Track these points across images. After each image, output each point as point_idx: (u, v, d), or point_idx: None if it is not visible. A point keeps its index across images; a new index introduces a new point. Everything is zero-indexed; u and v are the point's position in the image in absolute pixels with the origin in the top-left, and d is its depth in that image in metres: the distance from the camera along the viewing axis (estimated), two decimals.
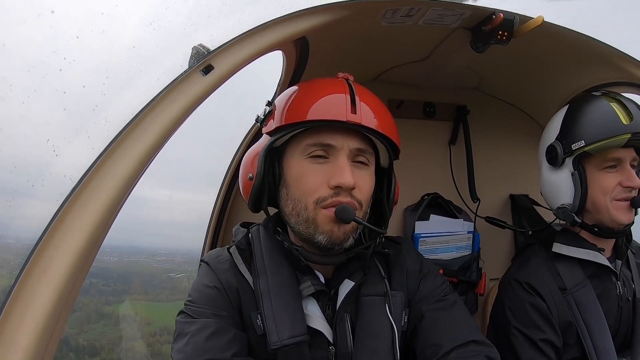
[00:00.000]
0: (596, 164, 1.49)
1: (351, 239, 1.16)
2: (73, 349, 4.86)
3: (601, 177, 1.49)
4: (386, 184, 1.27)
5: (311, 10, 1.24)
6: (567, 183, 1.54)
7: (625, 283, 1.57)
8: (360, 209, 1.15)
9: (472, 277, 2.16)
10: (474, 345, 1.19)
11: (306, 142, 1.16)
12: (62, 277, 0.88)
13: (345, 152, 1.14)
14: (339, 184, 1.10)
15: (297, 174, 1.16)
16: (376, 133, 1.16)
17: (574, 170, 1.51)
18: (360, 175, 1.16)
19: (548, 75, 1.99)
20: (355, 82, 1.24)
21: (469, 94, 2.36)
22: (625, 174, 1.46)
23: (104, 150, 0.94)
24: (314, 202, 1.13)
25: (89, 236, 0.91)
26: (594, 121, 1.47)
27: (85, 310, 5.09)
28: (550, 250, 1.61)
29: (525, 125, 2.39)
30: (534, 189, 2.32)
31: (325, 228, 1.12)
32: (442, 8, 1.44)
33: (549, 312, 1.49)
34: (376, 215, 1.30)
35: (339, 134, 1.14)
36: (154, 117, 0.99)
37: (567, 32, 1.51)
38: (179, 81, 1.03)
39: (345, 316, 1.21)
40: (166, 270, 6.43)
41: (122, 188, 0.95)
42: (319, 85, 1.22)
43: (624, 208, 1.48)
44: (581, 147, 1.47)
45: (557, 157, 1.55)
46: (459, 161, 2.35)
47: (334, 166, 1.13)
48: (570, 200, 1.54)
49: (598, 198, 1.49)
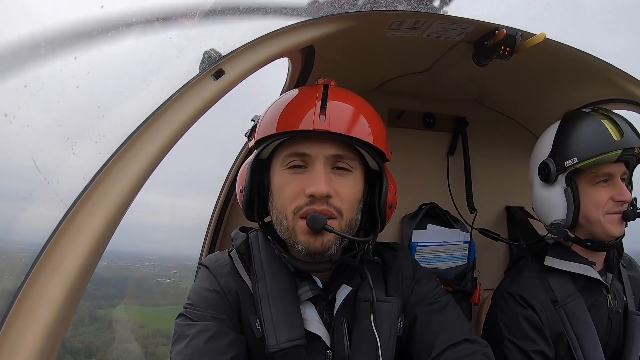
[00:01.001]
0: (588, 179, 1.53)
1: (333, 248, 1.15)
2: (69, 350, 4.92)
3: (593, 192, 1.53)
4: (378, 187, 1.25)
5: (320, 20, 1.26)
6: (560, 199, 1.58)
7: (616, 295, 1.60)
8: (341, 217, 1.15)
9: (467, 287, 2.18)
10: (468, 344, 1.21)
11: (285, 153, 1.18)
12: (71, 276, 0.89)
13: (321, 160, 1.14)
14: (312, 192, 1.10)
15: (279, 184, 1.18)
16: (350, 139, 1.14)
17: (567, 186, 1.55)
18: (341, 182, 1.16)
19: (547, 90, 2.02)
20: (336, 87, 1.23)
21: (468, 106, 2.39)
22: (617, 188, 1.51)
23: (115, 152, 0.95)
24: (292, 212, 1.14)
25: (98, 236, 0.92)
26: (586, 138, 1.51)
27: (79, 314, 5.11)
28: (542, 264, 1.64)
29: (523, 139, 2.42)
30: (529, 202, 2.34)
31: (301, 238, 1.14)
32: (446, 22, 1.46)
33: (541, 324, 1.52)
34: (371, 221, 1.30)
35: (313, 143, 1.14)
36: (165, 120, 1.00)
37: (567, 48, 1.55)
38: (190, 85, 1.04)
39: (342, 321, 1.23)
40: (155, 275, 6.42)
41: (132, 190, 0.96)
42: (294, 96, 1.23)
43: (616, 221, 1.51)
44: (574, 164, 1.50)
45: (550, 174, 1.58)
46: (457, 172, 2.38)
47: (310, 175, 1.13)
48: (563, 216, 1.57)
49: (591, 213, 1.53)
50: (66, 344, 4.76)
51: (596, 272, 1.57)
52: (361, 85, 2.16)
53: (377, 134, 1.20)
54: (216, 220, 2.10)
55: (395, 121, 2.30)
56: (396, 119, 2.30)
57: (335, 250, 1.17)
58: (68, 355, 4.77)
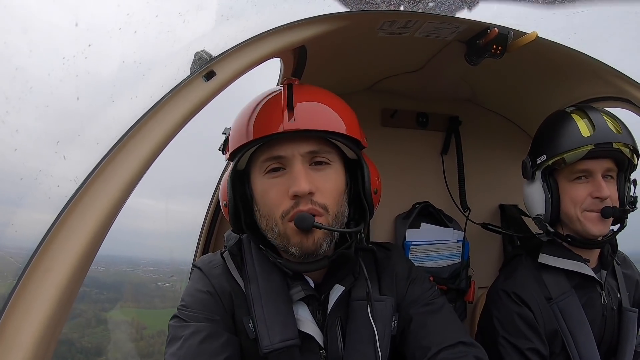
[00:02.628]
0: (565, 175, 1.57)
1: (325, 245, 1.16)
2: (80, 350, 5.13)
3: (571, 189, 1.56)
4: (360, 175, 1.24)
5: (312, 20, 1.25)
6: (539, 194, 1.62)
7: (610, 293, 1.61)
8: (327, 213, 1.15)
9: (462, 285, 2.19)
10: (462, 346, 1.22)
11: (261, 159, 1.17)
12: (64, 278, 0.88)
13: (297, 159, 1.14)
14: (294, 192, 1.10)
15: (262, 191, 1.18)
16: (321, 132, 1.15)
17: (543, 182, 1.60)
18: (321, 177, 1.16)
19: (540, 89, 2.03)
20: (300, 85, 1.23)
21: (461, 105, 2.40)
22: (595, 184, 1.52)
23: (106, 155, 0.94)
24: (281, 217, 1.14)
25: (90, 239, 0.91)
26: (554, 135, 1.56)
27: (85, 316, 5.33)
28: (536, 261, 1.65)
29: (516, 137, 2.44)
30: (522, 200, 2.36)
31: (294, 241, 1.14)
32: (438, 21, 1.46)
33: (536, 321, 1.53)
34: (359, 211, 1.29)
35: (286, 143, 1.14)
36: (156, 122, 1.00)
37: (558, 47, 1.55)
38: (181, 87, 1.03)
39: (335, 320, 1.24)
40: (154, 279, 6.49)
41: (124, 192, 0.96)
42: (257, 101, 1.23)
43: (595, 219, 1.52)
44: (544, 161, 1.57)
45: (527, 171, 1.66)
46: (451, 171, 2.38)
47: (290, 176, 1.14)
48: (543, 211, 1.62)
49: (569, 209, 1.56)
50: (76, 344, 4.96)
51: (590, 269, 1.58)
52: (354, 85, 2.17)
53: (349, 123, 1.20)
54: (209, 223, 2.10)
55: (389, 121, 2.31)
56: (389, 119, 2.31)
57: (327, 247, 1.17)
58: (80, 354, 4.93)
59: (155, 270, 6.16)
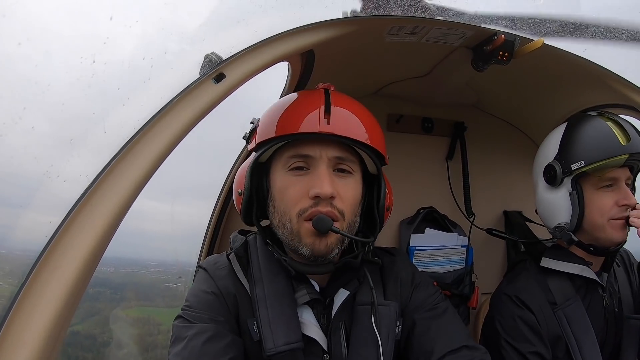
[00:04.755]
0: (593, 183, 1.52)
1: (336, 250, 1.16)
2: (102, 344, 5.38)
3: (598, 197, 1.52)
4: (376, 191, 1.26)
5: (320, 25, 1.26)
6: (565, 202, 1.56)
7: (612, 295, 1.60)
8: (343, 219, 1.15)
9: (465, 291, 2.18)
10: (466, 350, 1.21)
11: (287, 155, 1.18)
12: (70, 278, 0.88)
13: (324, 161, 1.15)
14: (316, 194, 1.11)
15: (281, 187, 1.18)
16: (353, 141, 1.16)
17: (572, 189, 1.54)
18: (343, 184, 1.17)
19: (545, 95, 2.03)
20: (336, 92, 1.25)
21: (467, 111, 2.40)
22: (622, 193, 1.50)
23: (115, 156, 0.95)
24: (297, 215, 1.14)
25: (98, 240, 0.92)
26: (593, 142, 1.50)
27: (103, 314, 5.56)
28: (540, 266, 1.64)
29: (521, 144, 2.44)
30: (527, 206, 2.36)
31: (307, 241, 1.14)
32: (445, 27, 1.47)
33: (539, 325, 1.52)
34: (368, 224, 1.31)
35: (316, 145, 1.15)
36: (165, 124, 1.00)
37: (565, 54, 1.56)
38: (191, 89, 1.04)
39: (340, 325, 1.23)
40: (162, 280, 6.56)
41: (131, 193, 0.96)
42: (295, 99, 1.25)
43: (619, 227, 1.50)
44: (581, 168, 1.49)
45: (556, 176, 1.56)
46: (455, 176, 2.38)
47: (314, 176, 1.14)
48: (567, 219, 1.56)
49: (595, 218, 1.52)
50: (98, 339, 5.20)
51: (592, 272, 1.57)
52: (360, 90, 2.17)
53: (377, 138, 1.22)
54: (214, 225, 2.10)
55: (394, 126, 2.31)
56: (395, 124, 2.31)
57: (337, 253, 1.17)
58: (103, 348, 5.14)
59: (162, 272, 6.24)
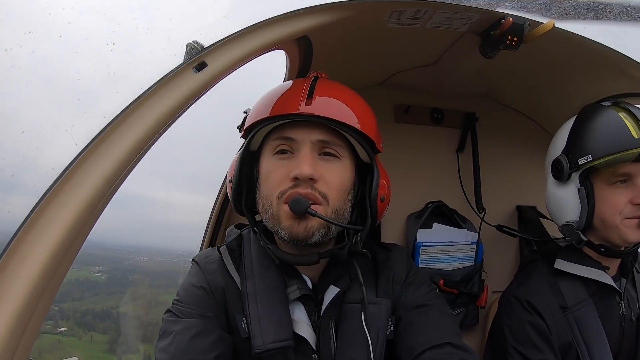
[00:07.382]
0: (604, 179, 1.42)
1: (318, 235, 1.12)
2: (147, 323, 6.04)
3: (610, 194, 1.41)
4: (369, 179, 1.22)
5: (312, 9, 1.21)
6: (573, 199, 1.47)
7: (630, 303, 1.50)
8: (327, 204, 1.12)
9: (474, 289, 2.10)
10: (450, 348, 1.15)
11: (272, 139, 1.18)
12: (40, 268, 0.86)
13: (307, 144, 1.13)
14: (295, 174, 1.09)
15: (266, 171, 1.18)
16: (336, 123, 1.13)
17: (581, 186, 1.44)
18: (327, 167, 1.14)
19: (560, 84, 1.93)
20: (327, 79, 1.24)
21: (478, 101, 2.30)
22: (637, 189, 1.38)
23: (88, 144, 0.92)
24: (277, 197, 1.12)
25: (68, 230, 0.89)
26: (602, 134, 1.40)
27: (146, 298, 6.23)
28: (552, 267, 1.55)
29: (536, 135, 2.33)
30: (542, 201, 2.25)
31: (285, 224, 1.12)
32: (449, 11, 1.39)
33: (549, 332, 1.43)
34: (363, 216, 1.25)
35: (299, 128, 1.14)
36: (142, 113, 0.96)
37: (579, 39, 1.46)
38: (169, 77, 1.00)
39: (329, 323, 1.20)
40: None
41: (106, 184, 0.93)
42: (282, 85, 1.25)
43: (635, 226, 1.40)
44: (588, 162, 1.39)
45: (563, 171, 1.47)
46: (466, 169, 2.29)
47: (296, 159, 1.12)
48: (576, 217, 1.47)
49: (607, 216, 1.42)
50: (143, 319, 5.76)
51: (609, 278, 1.48)
52: (365, 80, 2.11)
53: (366, 122, 1.18)
54: (216, 217, 2.07)
55: (402, 117, 2.24)
56: (403, 115, 2.23)
57: (320, 239, 1.13)
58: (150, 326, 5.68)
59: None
